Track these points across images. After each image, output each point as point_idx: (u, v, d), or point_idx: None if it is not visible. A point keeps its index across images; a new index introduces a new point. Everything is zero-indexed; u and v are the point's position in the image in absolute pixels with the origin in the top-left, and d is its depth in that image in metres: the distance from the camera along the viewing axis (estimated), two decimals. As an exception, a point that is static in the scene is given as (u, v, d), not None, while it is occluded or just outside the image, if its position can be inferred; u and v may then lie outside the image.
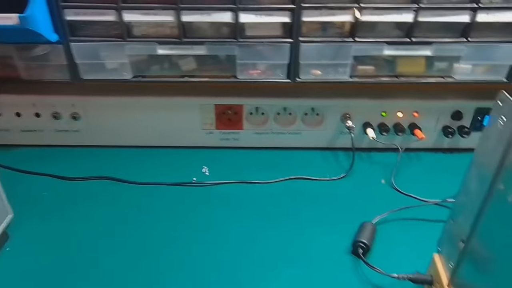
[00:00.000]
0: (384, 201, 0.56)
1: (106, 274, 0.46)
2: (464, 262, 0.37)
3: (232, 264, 0.48)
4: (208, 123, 0.66)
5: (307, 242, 0.51)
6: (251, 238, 0.51)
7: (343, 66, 0.56)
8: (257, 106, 0.65)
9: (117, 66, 0.56)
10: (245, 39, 0.54)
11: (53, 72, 0.57)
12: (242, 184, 0.60)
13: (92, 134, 0.67)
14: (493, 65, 0.56)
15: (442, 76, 0.58)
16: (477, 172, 0.35)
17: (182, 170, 0.63)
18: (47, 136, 0.67)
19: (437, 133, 0.66)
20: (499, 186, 0.31)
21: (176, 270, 0.47)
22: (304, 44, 0.54)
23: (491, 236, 0.33)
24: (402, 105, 0.64)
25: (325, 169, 0.64)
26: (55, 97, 0.63)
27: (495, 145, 0.32)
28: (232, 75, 0.58)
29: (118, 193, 0.58)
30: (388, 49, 0.55)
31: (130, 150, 0.68)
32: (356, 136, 0.66)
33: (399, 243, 0.50)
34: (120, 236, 0.51)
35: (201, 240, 0.51)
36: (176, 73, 0.58)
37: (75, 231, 0.52)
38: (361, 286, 0.45)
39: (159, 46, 0.54)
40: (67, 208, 0.55)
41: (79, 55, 0.55)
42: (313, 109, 0.65)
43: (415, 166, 0.65)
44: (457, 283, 0.39)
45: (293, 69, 0.57)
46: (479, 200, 0.34)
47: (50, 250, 0.49)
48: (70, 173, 0.61)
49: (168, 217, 0.54)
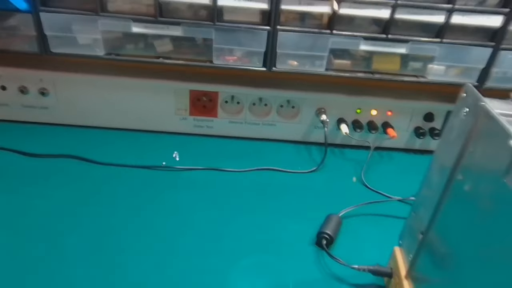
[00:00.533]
0: (352, 196, 0.56)
1: (61, 254, 0.44)
2: (422, 254, 0.37)
3: (195, 249, 0.46)
4: (182, 109, 0.65)
5: (272, 231, 0.50)
6: (216, 224, 0.50)
7: (320, 58, 0.56)
8: (233, 94, 0.64)
9: (90, 42, 0.55)
10: (222, 23, 0.53)
11: (21, 43, 0.55)
12: (212, 171, 0.60)
13: (61, 112, 0.65)
14: (465, 68, 0.57)
15: (416, 76, 0.59)
16: (439, 164, 0.36)
17: (152, 154, 0.62)
18: (13, 111, 0.64)
19: (409, 133, 0.67)
20: (458, 177, 0.32)
21: (138, 253, 0.45)
22: (282, 33, 0.54)
23: (448, 226, 0.33)
24: (377, 103, 0.65)
25: (297, 162, 0.64)
26: (23, 70, 0.61)
27: (456, 137, 0.33)
28: (208, 59, 0.57)
29: (82, 172, 0.57)
30: (365, 44, 0.55)
31: (100, 131, 0.66)
32: (330, 132, 0.66)
33: (363, 237, 0.51)
34: (79, 216, 0.49)
35: (165, 224, 0.49)
36: (151, 54, 0.57)
37: (32, 207, 0.50)
38: (323, 277, 0.45)
39: (134, 24, 0.53)
40: (27, 183, 0.53)
41: (49, 27, 0.53)
42: (288, 102, 0.65)
43: (386, 165, 0.66)
44: (414, 275, 0.39)
45: (270, 58, 0.56)
46: (439, 192, 0.34)
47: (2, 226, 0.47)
48: (35, 150, 0.59)
49: (133, 199, 0.53)
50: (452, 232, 0.32)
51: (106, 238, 0.47)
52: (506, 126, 0.25)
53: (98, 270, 0.43)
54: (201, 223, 0.50)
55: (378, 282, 0.45)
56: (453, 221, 0.32)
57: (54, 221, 0.48)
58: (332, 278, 0.45)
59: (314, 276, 0.45)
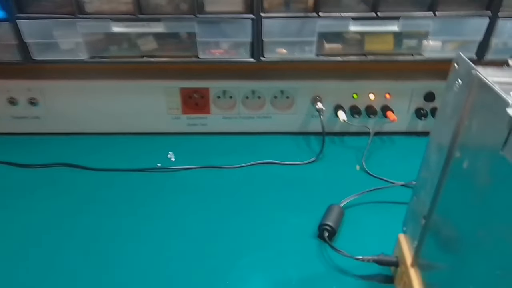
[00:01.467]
0: (354, 185, 0.54)
1: (60, 262, 0.43)
2: (426, 240, 0.35)
3: (195, 250, 0.45)
4: (174, 108, 0.64)
5: (273, 226, 0.48)
6: (215, 223, 0.49)
7: (309, 44, 0.54)
8: (224, 89, 0.62)
9: (72, 46, 0.54)
10: (204, 15, 0.51)
11: (2, 53, 0.54)
12: (209, 169, 0.58)
13: (52, 120, 0.64)
14: (462, 41, 0.54)
15: (411, 54, 0.56)
16: (436, 144, 0.33)
17: (146, 156, 0.60)
18: (3, 123, 0.63)
19: (410, 115, 0.65)
20: (456, 154, 0.29)
21: (138, 258, 0.44)
22: (267, 20, 0.52)
23: (449, 207, 0.31)
24: (374, 87, 0.62)
25: (295, 153, 0.62)
26: (9, 81, 0.60)
27: (451, 112, 0.30)
28: (194, 55, 0.55)
29: (77, 180, 0.55)
30: (354, 25, 0.53)
31: (92, 137, 0.65)
32: (327, 120, 0.64)
33: (366, 226, 0.48)
34: (75, 224, 0.48)
35: (163, 226, 0.48)
36: (136, 54, 0.56)
37: (27, 218, 0.49)
38: (327, 270, 0.43)
39: (114, 23, 0.51)
40: (21, 196, 0.53)
41: (28, 34, 0.52)
42: (282, 92, 0.63)
43: (388, 150, 0.63)
44: (420, 262, 0.37)
45: (257, 48, 0.54)
46: (438, 172, 0.32)
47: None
48: (28, 161, 0.58)
49: (129, 203, 0.52)
50: (454, 212, 0.30)
51: (105, 244, 0.46)
52: (501, 94, 0.23)
53: (96, 276, 0.42)
54: (200, 222, 0.49)
55: (385, 272, 0.43)
56: (454, 201, 0.30)
57: (50, 230, 0.47)
58: (336, 271, 0.43)
59: (317, 270, 0.43)
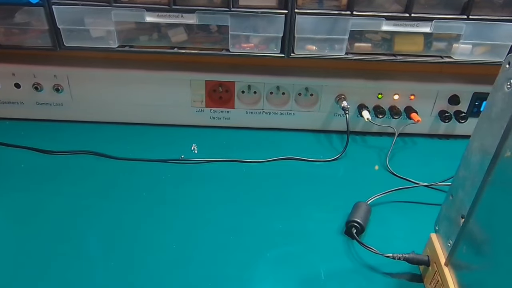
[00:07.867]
0: (377, 183, 0.54)
1: (80, 249, 0.43)
2: (463, 239, 0.35)
3: (218, 243, 0.45)
4: (199, 101, 0.64)
5: (299, 221, 0.48)
6: (238, 217, 0.49)
7: (339, 42, 0.54)
8: (249, 83, 0.62)
9: (103, 34, 0.53)
10: (238, 9, 0.51)
11: (33, 39, 0.53)
12: (231, 163, 0.58)
13: (76, 108, 0.64)
14: (492, 46, 0.55)
15: (440, 56, 0.56)
16: (479, 143, 0.33)
17: (169, 148, 0.60)
18: (28, 109, 0.63)
19: (434, 117, 0.65)
20: (506, 153, 0.30)
21: (158, 248, 0.44)
22: (300, 16, 0.52)
23: (494, 208, 0.31)
24: (399, 87, 0.63)
25: (317, 151, 0.62)
26: (36, 67, 0.60)
27: (500, 112, 0.30)
28: (224, 48, 0.55)
29: (100, 168, 0.55)
30: (387, 25, 0.53)
31: (116, 126, 0.65)
32: (350, 119, 0.64)
33: (393, 225, 0.49)
34: (98, 211, 0.48)
35: (185, 218, 0.48)
36: (166, 45, 0.56)
37: (50, 204, 0.49)
38: (355, 266, 0.43)
39: (147, 13, 0.51)
40: (45, 181, 0.52)
41: (61, 20, 0.51)
42: (307, 89, 0.63)
43: (410, 150, 0.64)
44: (455, 262, 0.37)
45: (288, 43, 0.54)
46: (482, 172, 0.32)
47: (19, 224, 0.46)
48: (52, 147, 0.58)
49: (151, 193, 0.51)
50: (498, 214, 0.30)
51: (126, 233, 0.46)
52: None
53: (117, 264, 0.42)
54: (223, 216, 0.49)
55: (413, 270, 0.43)
56: (499, 203, 0.30)
57: (72, 217, 0.47)
58: (365, 267, 0.43)
59: (345, 266, 0.43)
